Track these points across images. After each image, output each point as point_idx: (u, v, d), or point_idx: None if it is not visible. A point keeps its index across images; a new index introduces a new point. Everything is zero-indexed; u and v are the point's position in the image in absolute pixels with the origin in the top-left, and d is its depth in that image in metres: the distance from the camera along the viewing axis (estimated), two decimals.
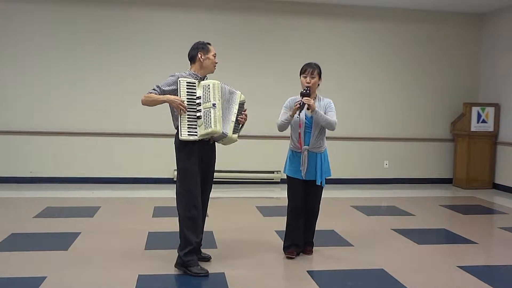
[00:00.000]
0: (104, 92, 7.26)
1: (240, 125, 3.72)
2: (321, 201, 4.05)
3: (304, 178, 3.89)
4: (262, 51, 7.56)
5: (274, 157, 7.35)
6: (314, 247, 4.13)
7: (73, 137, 7.23)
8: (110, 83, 7.27)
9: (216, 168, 3.82)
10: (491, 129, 7.77)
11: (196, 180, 3.58)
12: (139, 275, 3.50)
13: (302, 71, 3.93)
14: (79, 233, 4.55)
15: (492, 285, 3.45)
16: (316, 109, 3.78)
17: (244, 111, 3.73)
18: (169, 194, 3.81)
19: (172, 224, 3.89)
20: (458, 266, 3.86)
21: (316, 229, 4.12)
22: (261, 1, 7.53)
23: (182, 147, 3.59)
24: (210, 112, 3.49)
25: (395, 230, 4.96)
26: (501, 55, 7.73)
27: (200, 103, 3.51)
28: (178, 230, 3.77)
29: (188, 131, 3.49)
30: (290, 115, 3.84)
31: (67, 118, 7.21)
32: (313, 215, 4.05)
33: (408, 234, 4.80)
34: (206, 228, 4.76)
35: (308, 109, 3.78)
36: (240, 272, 3.63)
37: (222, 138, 3.62)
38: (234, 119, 3.63)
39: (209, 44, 3.73)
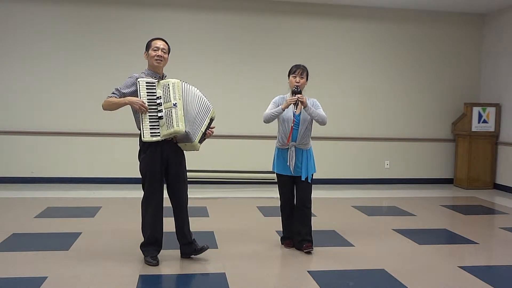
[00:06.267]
0: (105, 92, 7.19)
1: (205, 138, 3.78)
2: (312, 198, 4.12)
3: (293, 174, 4.07)
4: (263, 51, 7.54)
5: None
6: (314, 247, 4.13)
7: (74, 137, 7.24)
8: (111, 83, 7.19)
9: (217, 169, 3.84)
10: (492, 129, 7.76)
11: (158, 182, 3.65)
12: (140, 275, 3.50)
13: (292, 72, 4.11)
14: (80, 233, 4.55)
15: (493, 285, 3.45)
16: (308, 105, 3.99)
17: (212, 128, 3.78)
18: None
19: (172, 224, 3.89)
20: (459, 266, 3.86)
21: (316, 229, 4.12)
22: (261, 1, 7.53)
23: (144, 148, 3.62)
24: (171, 112, 3.50)
25: (396, 230, 4.96)
26: (502, 55, 7.73)
27: (161, 103, 3.53)
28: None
29: (151, 132, 3.51)
30: (282, 108, 4.01)
31: (68, 118, 7.21)
32: (305, 210, 4.11)
33: (409, 234, 4.80)
34: (207, 228, 4.80)
35: (296, 104, 3.99)
36: (241, 272, 3.63)
37: (185, 140, 3.61)
38: (204, 130, 3.67)
39: (155, 39, 3.84)
